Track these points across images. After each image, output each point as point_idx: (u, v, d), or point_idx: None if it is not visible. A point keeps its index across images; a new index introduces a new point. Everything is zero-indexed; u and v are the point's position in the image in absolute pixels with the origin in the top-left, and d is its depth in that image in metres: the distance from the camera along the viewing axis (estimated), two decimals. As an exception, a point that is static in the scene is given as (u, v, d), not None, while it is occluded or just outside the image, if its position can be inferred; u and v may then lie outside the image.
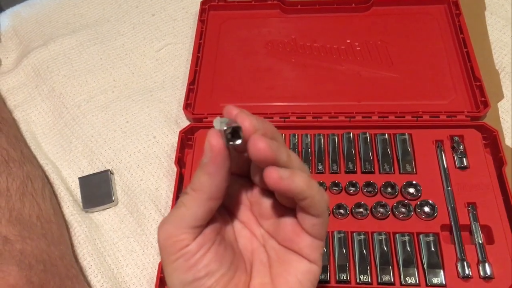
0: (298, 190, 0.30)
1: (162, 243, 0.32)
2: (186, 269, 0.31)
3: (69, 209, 0.59)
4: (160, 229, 0.32)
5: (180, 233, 0.31)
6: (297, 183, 0.29)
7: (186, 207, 0.31)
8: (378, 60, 0.66)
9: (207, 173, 0.30)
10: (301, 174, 0.30)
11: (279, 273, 0.33)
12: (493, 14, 0.71)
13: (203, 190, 0.31)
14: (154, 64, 0.72)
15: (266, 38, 0.70)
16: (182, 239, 0.31)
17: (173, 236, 0.31)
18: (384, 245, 0.52)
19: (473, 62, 0.62)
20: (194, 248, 0.31)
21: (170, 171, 0.62)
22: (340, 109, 0.62)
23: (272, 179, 0.29)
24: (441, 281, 0.49)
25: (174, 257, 0.31)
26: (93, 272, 0.55)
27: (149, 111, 0.67)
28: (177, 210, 0.32)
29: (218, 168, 0.30)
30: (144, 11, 0.78)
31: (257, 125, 0.29)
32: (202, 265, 0.31)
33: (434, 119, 0.59)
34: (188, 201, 0.31)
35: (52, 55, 0.73)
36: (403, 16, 0.70)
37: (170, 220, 0.32)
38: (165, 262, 0.32)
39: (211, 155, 0.29)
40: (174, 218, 0.32)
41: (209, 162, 0.30)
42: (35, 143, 0.65)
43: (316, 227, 0.32)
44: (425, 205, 0.54)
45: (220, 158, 0.30)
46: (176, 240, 0.31)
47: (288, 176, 0.29)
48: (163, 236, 0.32)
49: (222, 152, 0.29)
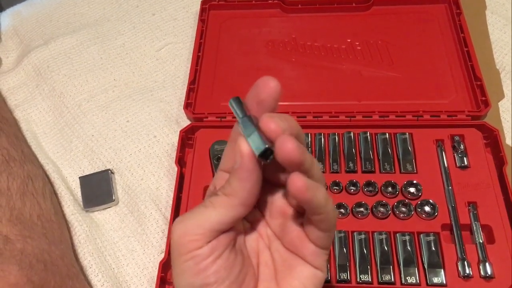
0: (317, 205, 0.29)
1: (176, 240, 0.30)
2: (195, 273, 0.30)
3: (70, 208, 0.59)
4: (178, 225, 0.31)
5: (197, 233, 0.30)
6: (318, 197, 0.29)
7: (215, 209, 0.30)
8: (378, 60, 0.66)
9: (238, 178, 0.29)
10: (323, 189, 0.29)
11: (284, 277, 0.33)
12: (493, 13, 0.71)
13: (235, 196, 0.30)
14: (155, 64, 0.72)
15: (266, 37, 0.70)
16: (197, 239, 0.30)
17: (189, 235, 0.30)
18: (385, 245, 0.52)
19: (473, 62, 0.62)
20: (206, 252, 0.30)
21: (170, 171, 0.62)
22: (340, 108, 0.62)
23: (296, 187, 0.28)
24: (442, 280, 0.49)
25: (184, 258, 0.30)
26: (94, 271, 0.55)
27: (149, 111, 0.67)
28: (203, 210, 0.30)
29: (249, 173, 0.29)
30: (144, 10, 0.78)
31: (283, 126, 0.28)
32: (212, 271, 0.30)
33: (434, 118, 0.59)
34: (218, 203, 0.30)
35: (53, 54, 0.73)
36: (403, 15, 0.70)
37: (191, 218, 0.31)
38: (175, 262, 0.31)
39: (241, 161, 0.29)
40: (197, 216, 0.30)
41: (240, 168, 0.29)
42: (36, 142, 0.65)
43: (321, 240, 0.32)
44: (426, 204, 0.54)
45: (250, 164, 0.29)
46: (190, 240, 0.30)
47: (313, 188, 0.28)
48: (178, 233, 0.30)
49: (253, 158, 0.29)
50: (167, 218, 0.58)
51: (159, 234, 0.57)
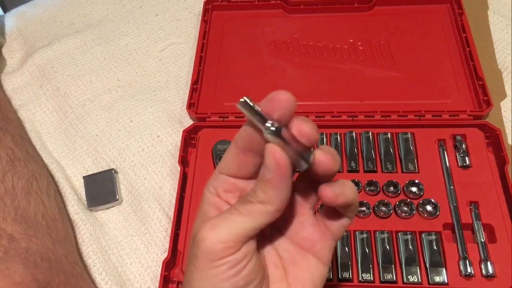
0: (350, 202, 0.30)
1: (209, 246, 0.30)
2: (227, 278, 0.30)
3: (74, 207, 0.60)
4: (209, 232, 0.30)
5: (232, 240, 0.30)
6: (348, 196, 0.30)
7: (251, 217, 0.30)
8: (381, 60, 0.66)
9: (274, 187, 0.29)
10: (349, 185, 0.30)
11: (294, 276, 0.33)
12: (495, 13, 0.71)
13: (271, 204, 0.30)
14: (158, 64, 0.73)
15: (269, 37, 0.70)
16: (232, 247, 0.30)
17: (224, 243, 0.30)
18: (387, 244, 0.52)
19: (475, 62, 0.62)
20: (239, 257, 0.30)
21: (173, 170, 0.62)
22: (342, 108, 0.62)
23: (328, 198, 0.30)
24: (443, 279, 0.49)
25: (216, 264, 0.30)
26: (98, 270, 0.56)
27: (153, 111, 0.68)
28: (238, 217, 0.30)
29: (285, 182, 0.29)
30: (147, 11, 0.79)
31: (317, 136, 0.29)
32: (243, 275, 0.30)
33: (436, 118, 0.60)
34: (254, 211, 0.30)
35: (57, 55, 0.74)
36: (406, 15, 0.70)
37: (225, 225, 0.30)
38: (201, 266, 0.30)
39: (278, 171, 0.28)
40: (232, 224, 0.30)
41: (276, 178, 0.29)
42: (40, 142, 0.66)
43: (343, 229, 0.33)
44: (428, 204, 0.54)
45: (288, 174, 0.29)
46: (225, 247, 0.30)
47: (341, 192, 0.30)
48: (212, 240, 0.30)
49: (289, 167, 0.29)
50: (170, 217, 0.59)
51: (162, 233, 0.58)
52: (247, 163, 0.32)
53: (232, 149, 0.32)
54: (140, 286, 0.55)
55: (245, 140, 0.31)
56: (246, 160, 0.32)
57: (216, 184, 0.33)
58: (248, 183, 0.33)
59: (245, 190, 0.33)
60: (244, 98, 0.28)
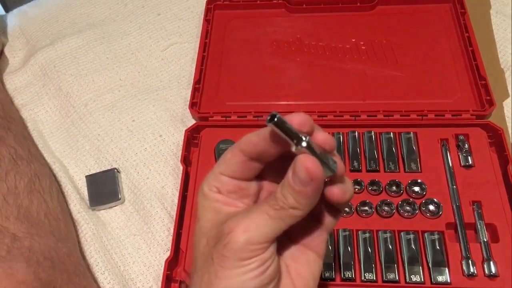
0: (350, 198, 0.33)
1: (242, 247, 0.30)
2: (254, 276, 0.31)
3: (76, 207, 0.60)
4: (244, 234, 0.31)
5: (263, 241, 0.31)
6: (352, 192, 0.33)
7: (282, 221, 0.31)
8: (383, 59, 0.66)
9: (306, 197, 0.30)
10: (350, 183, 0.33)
11: (296, 272, 0.34)
12: (498, 12, 0.71)
13: (302, 210, 0.31)
14: (160, 63, 0.73)
15: (271, 37, 0.70)
16: (262, 248, 0.31)
17: (255, 244, 0.31)
18: (389, 243, 0.52)
19: (478, 61, 0.62)
20: (267, 256, 0.31)
21: (176, 170, 0.62)
22: (345, 107, 0.62)
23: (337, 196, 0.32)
24: (446, 279, 0.49)
25: (246, 263, 0.31)
26: (100, 269, 0.56)
27: (155, 110, 0.68)
28: (269, 221, 0.31)
29: (318, 192, 0.30)
30: (149, 10, 0.79)
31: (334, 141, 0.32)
32: (268, 273, 0.31)
33: (439, 117, 0.60)
34: (285, 216, 0.31)
35: (59, 54, 0.74)
36: (408, 15, 0.70)
37: (258, 229, 0.31)
38: (229, 265, 0.31)
39: (313, 182, 0.29)
40: (264, 228, 0.31)
41: (310, 188, 0.30)
42: (42, 141, 0.66)
43: (336, 221, 0.35)
44: (430, 203, 0.54)
45: (321, 185, 0.30)
46: (256, 248, 0.31)
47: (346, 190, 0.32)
48: (246, 242, 0.30)
49: (322, 177, 0.29)
50: (172, 216, 0.59)
51: (164, 232, 0.58)
52: (253, 169, 0.33)
53: (236, 155, 0.33)
54: (142, 285, 0.55)
55: (254, 151, 0.32)
56: (252, 166, 0.33)
57: (218, 185, 0.34)
58: (250, 184, 0.34)
59: (246, 190, 0.34)
60: (277, 116, 0.28)
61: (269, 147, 0.31)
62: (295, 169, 0.29)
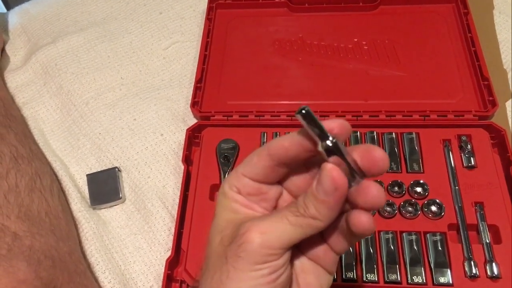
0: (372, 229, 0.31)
1: (257, 250, 0.30)
2: (266, 282, 0.30)
3: (77, 205, 0.60)
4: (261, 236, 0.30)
5: (279, 247, 0.30)
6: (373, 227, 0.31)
7: (301, 229, 0.30)
8: (385, 59, 0.66)
9: (328, 207, 0.30)
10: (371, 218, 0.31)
11: (305, 282, 0.34)
12: (501, 13, 0.71)
13: (323, 221, 0.30)
14: (162, 62, 0.73)
15: (273, 36, 0.70)
16: (277, 254, 0.30)
17: (271, 249, 0.30)
18: (391, 244, 0.52)
19: (481, 61, 0.62)
20: (281, 263, 0.31)
21: (177, 169, 0.62)
22: (347, 107, 0.62)
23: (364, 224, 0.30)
24: (448, 280, 0.49)
25: (259, 267, 0.30)
26: (101, 268, 0.56)
27: (156, 109, 0.68)
28: (288, 227, 0.31)
29: (340, 202, 0.30)
30: (151, 9, 0.78)
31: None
32: (280, 281, 0.31)
33: (441, 118, 0.59)
34: (306, 225, 0.30)
35: (60, 52, 0.74)
36: (411, 15, 0.69)
37: (276, 233, 0.30)
38: (243, 267, 0.30)
39: (337, 193, 0.29)
40: (283, 233, 0.30)
41: (333, 199, 0.29)
42: (43, 140, 0.66)
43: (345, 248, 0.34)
44: (432, 204, 0.54)
45: (343, 195, 0.29)
46: (271, 253, 0.30)
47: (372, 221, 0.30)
48: (262, 245, 0.30)
49: (345, 189, 0.29)
50: (173, 216, 0.59)
51: (165, 232, 0.58)
52: (278, 173, 0.33)
53: (263, 159, 0.32)
54: (143, 285, 0.55)
55: (284, 156, 0.31)
56: (278, 170, 0.32)
57: (239, 186, 0.33)
58: (271, 188, 0.34)
59: (267, 194, 0.34)
60: (306, 109, 0.27)
61: (301, 152, 0.30)
62: (320, 178, 0.29)
